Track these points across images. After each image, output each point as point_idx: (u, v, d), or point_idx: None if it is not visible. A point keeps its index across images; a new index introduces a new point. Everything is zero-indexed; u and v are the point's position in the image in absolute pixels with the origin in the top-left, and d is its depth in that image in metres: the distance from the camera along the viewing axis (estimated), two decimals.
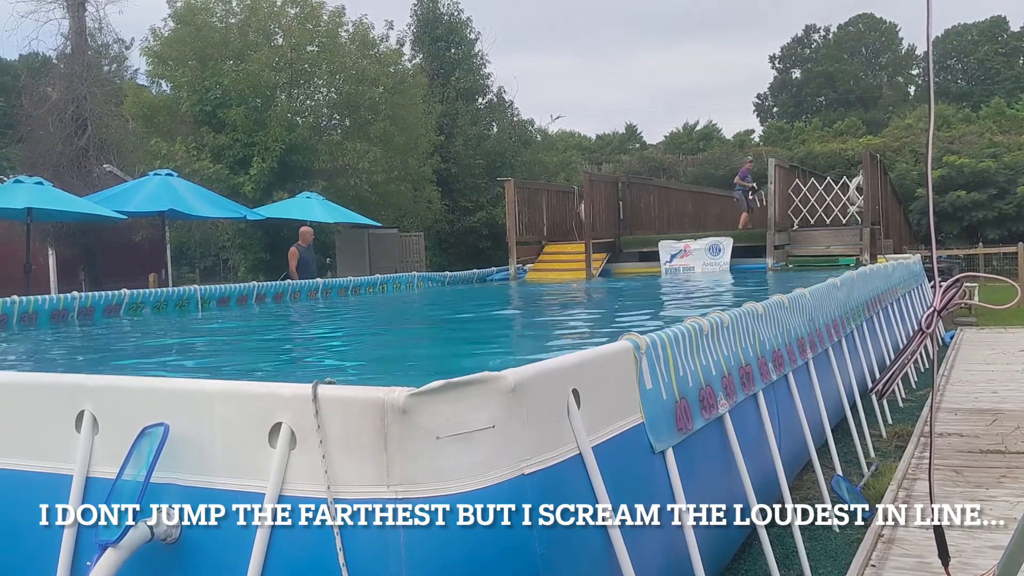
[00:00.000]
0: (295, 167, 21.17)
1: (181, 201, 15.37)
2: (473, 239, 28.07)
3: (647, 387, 3.21)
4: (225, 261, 30.60)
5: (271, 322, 9.91)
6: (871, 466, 5.95)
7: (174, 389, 2.68)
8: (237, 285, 11.82)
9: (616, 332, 3.54)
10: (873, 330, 8.53)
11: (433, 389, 2.31)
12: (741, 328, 4.47)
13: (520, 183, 18.43)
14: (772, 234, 15.12)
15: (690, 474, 3.36)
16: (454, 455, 2.31)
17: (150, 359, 6.28)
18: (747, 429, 4.20)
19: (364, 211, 20.87)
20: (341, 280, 13.70)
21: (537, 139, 33.75)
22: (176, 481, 2.56)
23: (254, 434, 2.47)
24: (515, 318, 9.78)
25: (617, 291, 12.98)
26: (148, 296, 10.21)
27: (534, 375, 2.52)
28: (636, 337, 3.23)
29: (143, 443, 2.55)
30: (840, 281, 7.35)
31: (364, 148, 21.59)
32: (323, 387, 2.39)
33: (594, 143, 60.84)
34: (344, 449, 2.35)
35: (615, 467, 2.82)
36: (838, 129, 51.06)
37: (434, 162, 25.84)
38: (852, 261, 14.43)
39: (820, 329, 6.23)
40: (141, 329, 9.04)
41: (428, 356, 6.40)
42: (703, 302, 9.81)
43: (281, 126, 20.45)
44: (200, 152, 20.30)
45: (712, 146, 50.41)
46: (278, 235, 19.92)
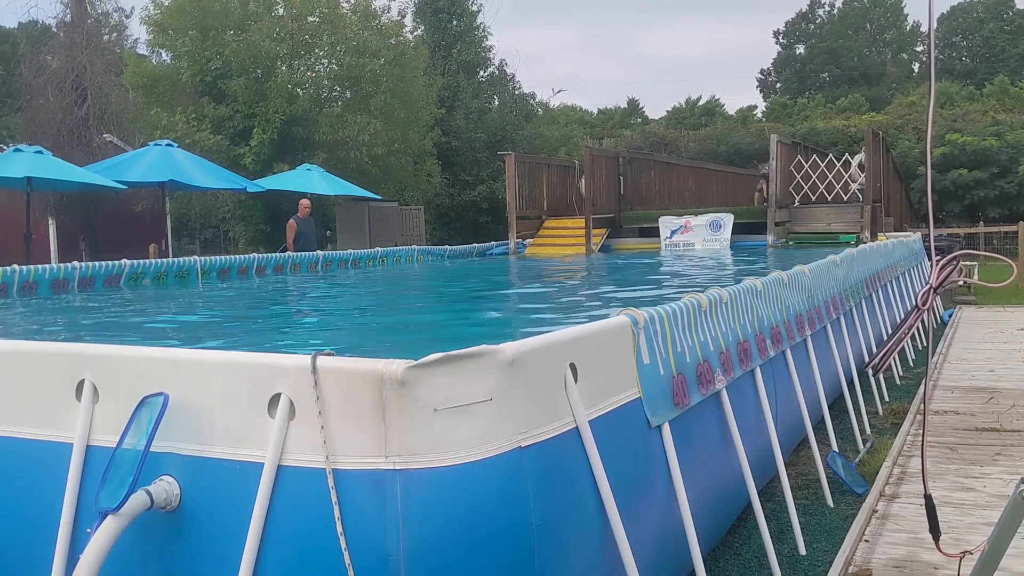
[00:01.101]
0: (296, 139, 21.10)
1: (181, 172, 15.34)
2: (473, 213, 28.03)
3: (644, 362, 3.22)
4: (225, 233, 30.58)
5: (271, 294, 9.92)
6: (867, 443, 5.98)
7: (174, 359, 2.70)
8: (237, 257, 11.83)
9: (614, 307, 3.55)
10: (872, 308, 8.54)
11: (431, 362, 2.32)
12: (740, 304, 4.48)
13: (521, 157, 18.38)
14: (773, 211, 15.10)
15: (686, 449, 3.39)
16: (452, 427, 2.33)
17: (150, 327, 6.29)
18: (744, 405, 4.23)
19: (364, 184, 20.83)
20: (341, 253, 13.70)
21: (538, 113, 33.61)
22: (176, 450, 2.58)
23: (253, 404, 2.49)
24: (514, 292, 9.79)
25: (616, 266, 12.98)
26: (149, 267, 10.22)
27: (532, 349, 2.54)
28: (634, 312, 3.24)
29: (143, 412, 2.57)
30: (840, 258, 7.35)
31: (365, 121, 21.52)
32: (322, 358, 2.41)
33: (596, 118, 60.57)
34: (342, 420, 2.37)
35: (612, 441, 2.85)
36: (841, 106, 50.82)
37: (435, 135, 25.74)
38: (852, 239, 14.43)
39: (819, 306, 6.24)
40: (141, 299, 9.05)
41: (426, 329, 6.42)
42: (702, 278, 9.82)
43: (282, 97, 20.37)
44: (200, 123, 20.22)
45: (715, 122, 50.17)
46: (278, 207, 19.89)
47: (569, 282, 10.61)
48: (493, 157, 26.71)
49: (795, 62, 67.35)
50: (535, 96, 33.86)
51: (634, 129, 51.08)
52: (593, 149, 18.94)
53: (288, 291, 10.39)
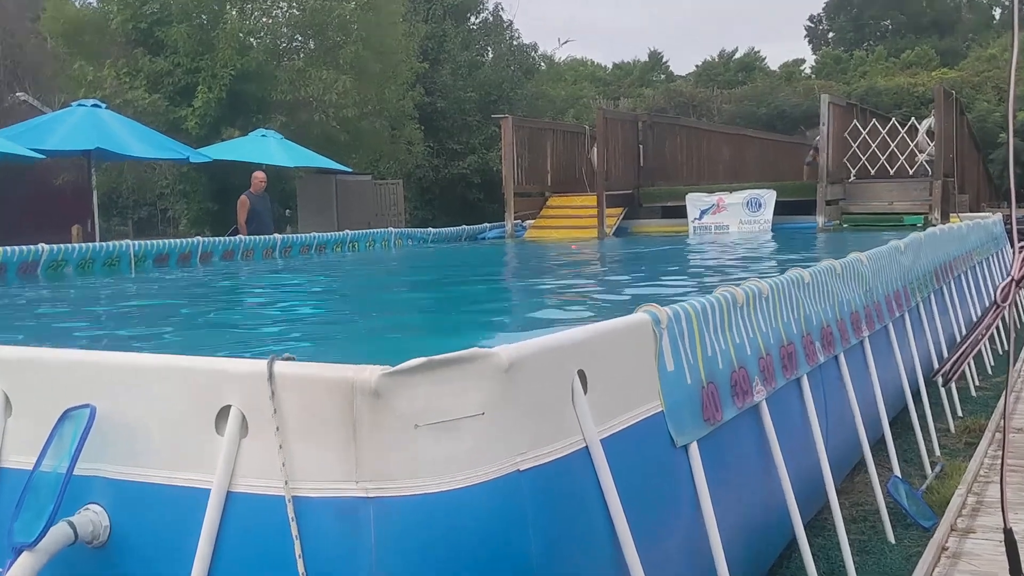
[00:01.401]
0: (248, 99, 21.07)
1: (111, 138, 15.31)
2: (462, 189, 28.02)
3: (668, 369, 3.23)
4: (164, 212, 30.55)
5: (219, 285, 9.92)
6: (935, 466, 6.00)
7: (102, 364, 2.70)
8: (178, 241, 11.81)
9: (632, 303, 3.56)
10: (943, 304, 8.55)
11: (411, 368, 2.32)
12: (783, 299, 4.48)
13: (520, 121, 18.37)
14: (824, 187, 15.11)
15: (718, 473, 3.39)
16: (436, 447, 2.33)
17: (74, 328, 6.29)
18: (788, 420, 4.23)
19: (331, 153, 20.80)
20: (303, 236, 13.70)
21: (541, 68, 33.58)
22: (105, 473, 2.58)
23: (198, 419, 2.49)
24: (511, 284, 9.80)
25: (635, 254, 12.99)
26: (71, 252, 10.20)
27: (532, 353, 2.54)
28: (656, 309, 3.24)
29: (65, 428, 2.56)
30: (904, 244, 7.36)
31: (332, 77, 21.47)
32: (280, 363, 2.41)
33: (610, 74, 60.53)
34: (305, 438, 2.37)
35: (629, 464, 2.85)
36: (906, 60, 50.82)
37: (416, 95, 25.72)
38: (919, 220, 14.45)
39: (879, 302, 6.25)
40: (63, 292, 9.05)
41: (406, 329, 6.42)
42: (738, 268, 9.83)
43: (231, 48, 20.33)
44: (134, 79, 20.18)
45: (754, 79, 50.18)
46: (227, 181, 19.87)
47: (578, 273, 10.62)
48: (486, 121, 26.70)
49: (851, 7, 67.27)
50: (537, 48, 33.89)
51: (656, 88, 51.05)
52: (607, 112, 18.94)
53: (240, 282, 10.39)
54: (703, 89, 46.10)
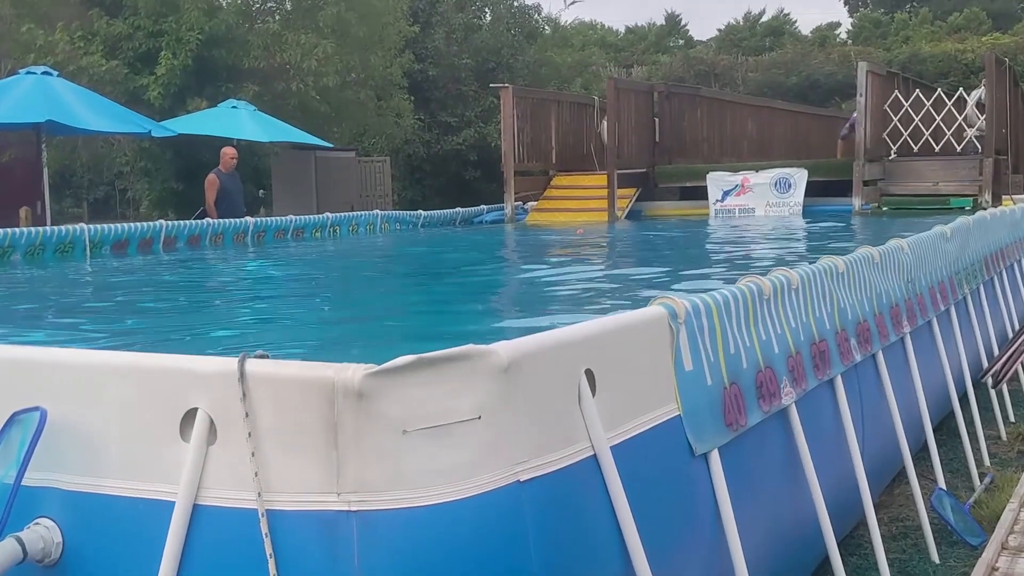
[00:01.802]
0: (217, 66, 21.04)
1: (63, 110, 15.30)
2: (457, 167, 28.01)
3: (686, 368, 3.23)
4: (123, 192, 30.54)
5: (185, 274, 9.92)
6: (985, 478, 6.00)
7: (54, 362, 2.70)
8: (138, 225, 11.81)
9: (646, 295, 3.56)
10: (994, 296, 8.55)
11: (400, 367, 2.32)
12: (815, 291, 4.49)
13: (521, 91, 18.36)
14: (861, 165, 15.12)
15: (742, 484, 3.40)
16: (427, 455, 2.34)
17: (21, 322, 6.30)
18: (820, 426, 4.24)
19: (310, 127, 20.79)
20: (278, 220, 13.71)
21: (545, 32, 33.54)
22: (57, 484, 2.58)
23: (161, 423, 2.49)
24: (511, 274, 9.80)
25: (650, 240, 12.99)
26: (19, 237, 10.21)
27: (535, 350, 2.54)
28: (672, 302, 3.25)
29: (12, 434, 2.57)
30: (951, 230, 7.36)
31: (311, 41, 21.45)
32: (253, 362, 2.41)
33: (622, 39, 60.43)
34: (280, 445, 2.37)
35: (641, 474, 2.86)
36: (954, 24, 50.73)
37: (405, 61, 25.69)
38: (968, 203, 14.45)
39: (922, 294, 6.25)
40: (8, 281, 9.05)
41: (394, 324, 6.43)
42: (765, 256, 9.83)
43: (198, 10, 20.30)
44: (89, 44, 20.16)
45: (783, 44, 50.11)
46: (194, 158, 19.87)
47: (585, 261, 10.62)
48: (484, 91, 26.67)
49: None
50: (540, 9, 33.86)
51: (674, 54, 50.94)
52: (619, 81, 18.94)
53: (207, 270, 10.39)
54: (726, 56, 46.00)
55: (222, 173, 14.68)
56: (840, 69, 37.16)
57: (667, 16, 63.71)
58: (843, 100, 34.25)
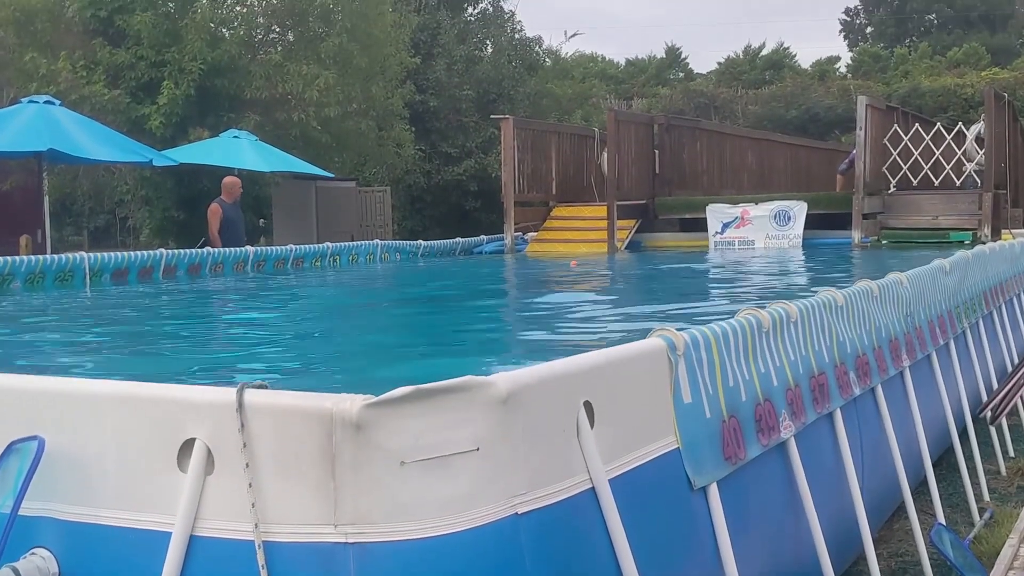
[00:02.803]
0: (219, 95, 21.10)
1: (65, 138, 15.33)
2: (457, 197, 28.04)
3: (685, 401, 3.23)
4: (123, 220, 30.56)
5: (185, 303, 9.92)
6: (984, 513, 5.98)
7: (52, 391, 2.69)
8: (139, 253, 11.82)
9: (645, 327, 3.56)
10: (993, 330, 8.55)
11: (398, 398, 2.32)
12: (814, 324, 4.49)
13: (522, 122, 18.42)
14: (861, 198, 15.15)
15: (740, 517, 3.39)
16: (424, 487, 2.33)
17: (19, 350, 6.29)
18: (819, 460, 4.23)
19: (311, 157, 20.83)
20: (279, 249, 13.72)
21: (546, 64, 33.62)
22: (53, 514, 2.58)
23: (158, 454, 2.49)
24: (510, 304, 9.80)
25: (649, 271, 13.00)
26: (19, 265, 10.21)
27: (533, 382, 2.54)
28: (671, 333, 3.25)
29: (10, 463, 2.56)
30: (950, 264, 7.36)
31: (312, 72, 21.51)
32: (251, 392, 2.41)
33: (623, 71, 60.68)
34: (277, 475, 2.37)
35: (640, 507, 2.85)
36: (953, 58, 50.95)
37: (406, 92, 25.77)
38: (968, 237, 14.47)
39: (921, 328, 6.25)
40: (8, 309, 9.05)
41: (392, 354, 6.42)
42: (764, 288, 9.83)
43: (201, 40, 20.38)
44: (92, 73, 20.22)
45: (783, 78, 50.28)
46: (195, 187, 19.90)
47: (585, 292, 10.62)
48: (485, 122, 26.74)
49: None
50: (542, 41, 33.91)
51: (674, 86, 51.14)
52: (619, 113, 18.99)
53: (207, 300, 10.39)
54: (726, 89, 46.20)
55: (225, 203, 14.71)
56: (840, 102, 37.31)
57: (667, 49, 64.04)
58: (843, 133, 34.37)
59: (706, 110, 38.64)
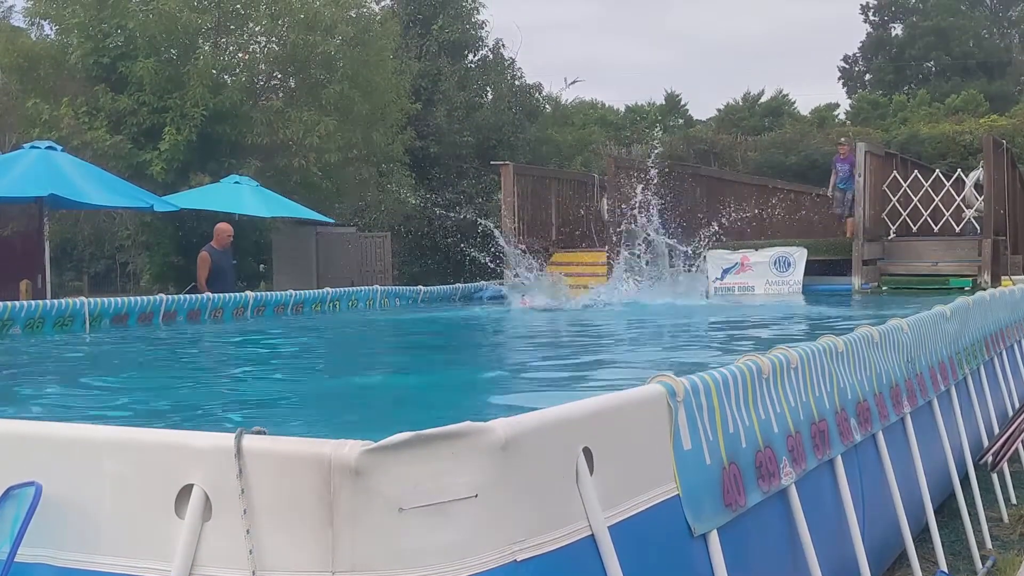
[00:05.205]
0: (220, 141, 21.22)
1: (66, 184, 15.38)
2: (457, 242, 28.09)
3: (685, 448, 3.22)
4: (123, 265, 30.63)
5: (184, 348, 9.92)
6: (987, 561, 5.96)
7: (50, 437, 2.69)
8: (139, 298, 11.82)
9: (644, 373, 3.56)
10: (994, 377, 8.54)
11: (396, 444, 2.32)
12: (814, 370, 4.48)
13: (522, 168, 18.50)
14: (860, 245, 15.18)
15: (741, 565, 3.37)
16: (423, 534, 2.32)
17: (17, 395, 6.28)
18: (820, 507, 4.21)
19: (312, 202, 20.90)
20: (278, 294, 13.72)
21: (546, 110, 33.87)
22: (50, 560, 2.57)
23: (156, 499, 2.48)
24: (509, 350, 9.79)
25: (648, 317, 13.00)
26: (18, 310, 10.21)
27: (532, 428, 2.53)
28: (671, 379, 3.24)
29: (7, 509, 2.55)
30: (951, 310, 7.36)
31: (313, 118, 21.65)
32: (249, 438, 2.40)
33: (623, 117, 60.92)
34: (275, 522, 2.36)
35: (640, 555, 2.84)
36: (952, 105, 51.24)
37: (407, 138, 25.90)
38: (968, 283, 14.48)
39: (922, 374, 6.24)
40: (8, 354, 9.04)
41: (391, 400, 6.41)
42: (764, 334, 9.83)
43: (203, 86, 20.51)
44: (94, 119, 20.33)
45: (782, 124, 50.55)
46: (196, 232, 19.94)
47: (584, 337, 10.62)
48: (485, 168, 26.86)
49: (890, 46, 67.96)
50: (541, 88, 34.16)
51: (674, 133, 51.42)
52: (619, 159, 19.06)
53: (206, 344, 10.38)
54: (726, 135, 46.36)
55: (215, 250, 14.62)
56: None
57: (667, 96, 64.37)
58: None
59: (706, 156, 38.75)
